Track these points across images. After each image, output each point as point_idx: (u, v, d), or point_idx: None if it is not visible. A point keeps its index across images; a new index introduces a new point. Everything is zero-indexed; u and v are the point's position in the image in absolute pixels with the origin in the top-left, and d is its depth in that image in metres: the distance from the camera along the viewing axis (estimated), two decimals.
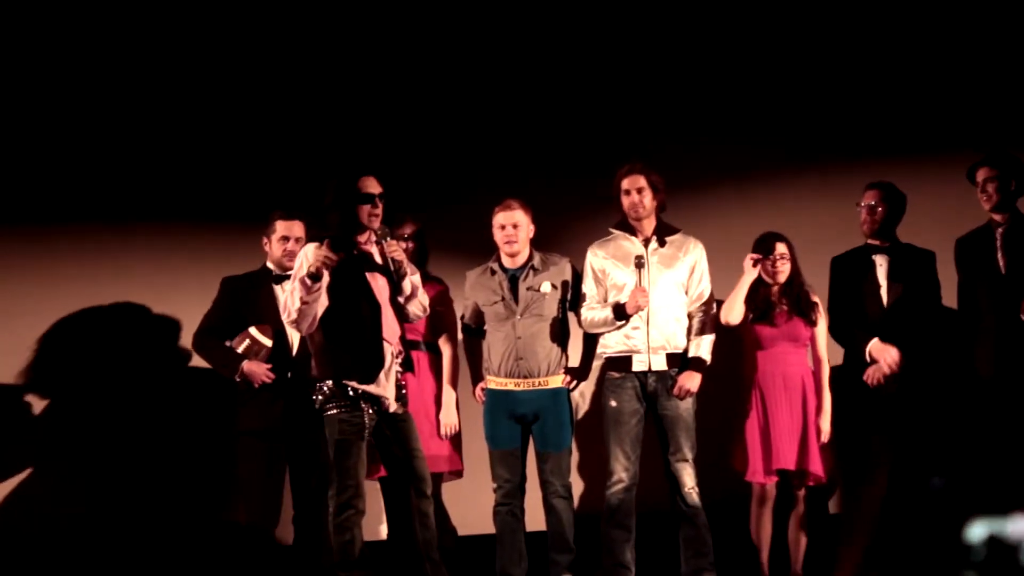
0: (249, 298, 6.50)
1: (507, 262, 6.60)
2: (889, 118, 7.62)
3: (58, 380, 7.26)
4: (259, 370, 6.37)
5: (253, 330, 6.39)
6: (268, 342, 6.38)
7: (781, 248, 6.67)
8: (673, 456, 6.47)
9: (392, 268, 6.01)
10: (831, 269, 6.76)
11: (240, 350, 6.39)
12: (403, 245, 6.40)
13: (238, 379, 6.39)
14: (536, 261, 6.59)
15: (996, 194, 6.44)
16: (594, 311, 6.58)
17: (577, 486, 6.96)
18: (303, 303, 5.78)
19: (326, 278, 5.80)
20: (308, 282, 5.76)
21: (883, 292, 6.61)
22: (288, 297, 5.86)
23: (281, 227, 6.51)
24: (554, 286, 6.55)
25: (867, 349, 6.50)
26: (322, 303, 5.86)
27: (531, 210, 6.57)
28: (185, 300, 7.11)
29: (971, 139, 7.32)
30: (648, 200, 6.55)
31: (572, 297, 6.62)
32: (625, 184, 6.56)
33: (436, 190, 7.50)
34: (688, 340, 6.55)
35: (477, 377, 6.73)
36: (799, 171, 7.60)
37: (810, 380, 6.66)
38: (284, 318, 5.93)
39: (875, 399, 6.50)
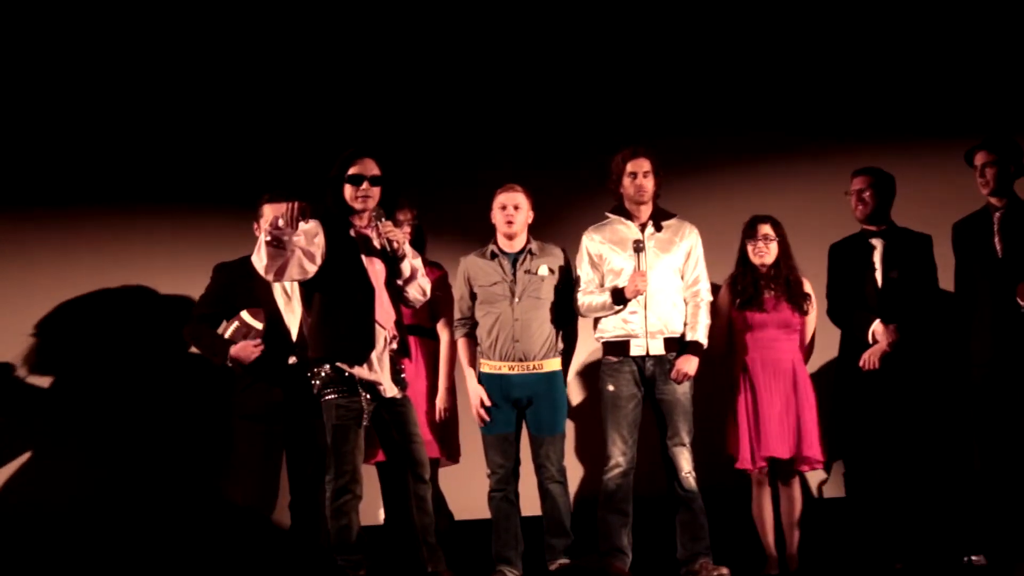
0: (242, 284, 6.45)
1: (505, 246, 6.61)
2: (886, 102, 7.61)
3: (56, 364, 7.26)
4: (245, 351, 6.32)
5: (244, 314, 6.35)
6: (259, 325, 6.33)
7: (765, 229, 6.66)
8: (671, 440, 6.48)
9: (388, 250, 6.00)
10: (829, 256, 6.76)
11: (228, 334, 6.34)
12: (402, 229, 6.40)
13: (229, 364, 6.36)
14: (534, 246, 6.62)
15: (994, 179, 6.42)
16: (591, 296, 6.57)
17: (575, 471, 6.96)
18: (266, 239, 5.75)
19: (313, 256, 5.83)
20: (279, 223, 5.75)
21: (878, 275, 6.60)
22: (259, 242, 5.83)
23: (269, 212, 6.45)
24: (551, 270, 6.57)
25: (870, 330, 6.49)
26: (301, 265, 5.83)
27: (532, 197, 6.59)
28: (182, 284, 7.12)
29: (969, 123, 7.29)
30: (651, 184, 6.56)
31: (561, 285, 6.60)
32: (630, 167, 6.56)
33: (434, 176, 7.48)
34: (684, 324, 6.55)
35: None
36: (796, 156, 7.60)
37: (802, 365, 6.66)
38: (255, 262, 5.86)
39: (871, 384, 6.49)
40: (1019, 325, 6.29)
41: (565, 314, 6.61)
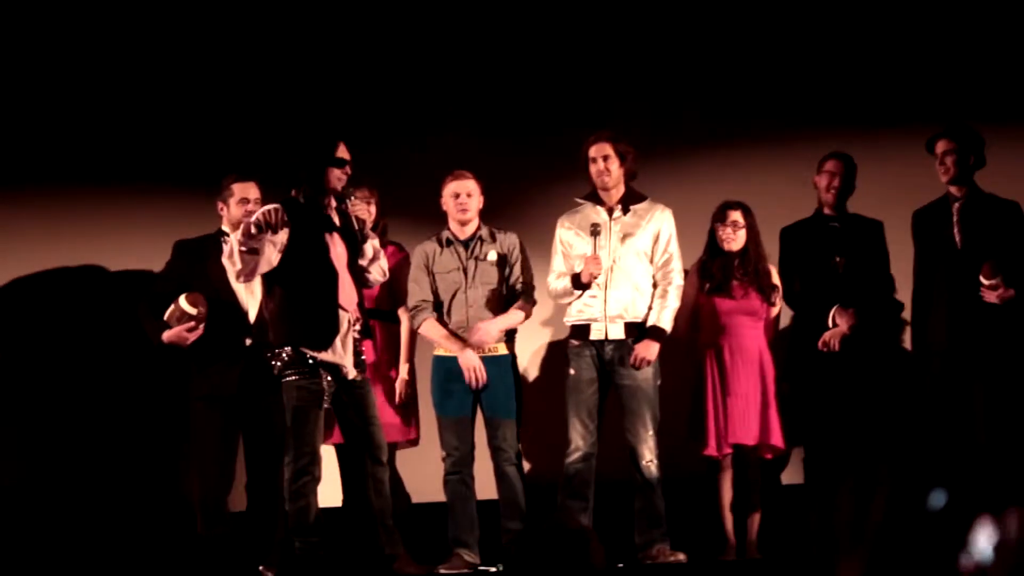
0: (202, 262, 6.40)
1: (458, 232, 6.60)
2: (855, 89, 7.56)
3: (5, 345, 7.16)
4: (179, 336, 6.21)
5: (182, 299, 6.23)
6: (192, 310, 6.20)
7: (734, 215, 6.63)
8: (631, 427, 6.46)
9: (355, 228, 5.97)
10: (781, 239, 6.74)
11: (165, 317, 6.27)
12: (368, 208, 6.36)
13: (166, 342, 6.27)
14: (484, 232, 6.61)
15: (954, 167, 6.43)
16: (559, 282, 6.57)
17: (536, 455, 6.95)
18: (241, 248, 5.70)
19: (276, 244, 5.76)
20: (252, 230, 5.68)
21: (836, 261, 6.62)
22: (232, 246, 5.81)
23: (238, 189, 6.43)
24: (500, 255, 6.56)
25: (831, 314, 6.50)
26: (268, 259, 5.77)
27: (481, 182, 6.57)
28: (140, 264, 7.04)
29: (933, 111, 7.29)
30: (615, 168, 6.53)
31: (511, 270, 6.59)
32: (592, 152, 6.54)
33: (391, 158, 7.39)
34: (649, 309, 6.53)
35: None
36: (768, 141, 7.55)
37: (767, 353, 6.66)
38: (227, 266, 5.84)
39: (826, 369, 6.51)
40: (974, 317, 6.32)
41: (514, 300, 6.60)
